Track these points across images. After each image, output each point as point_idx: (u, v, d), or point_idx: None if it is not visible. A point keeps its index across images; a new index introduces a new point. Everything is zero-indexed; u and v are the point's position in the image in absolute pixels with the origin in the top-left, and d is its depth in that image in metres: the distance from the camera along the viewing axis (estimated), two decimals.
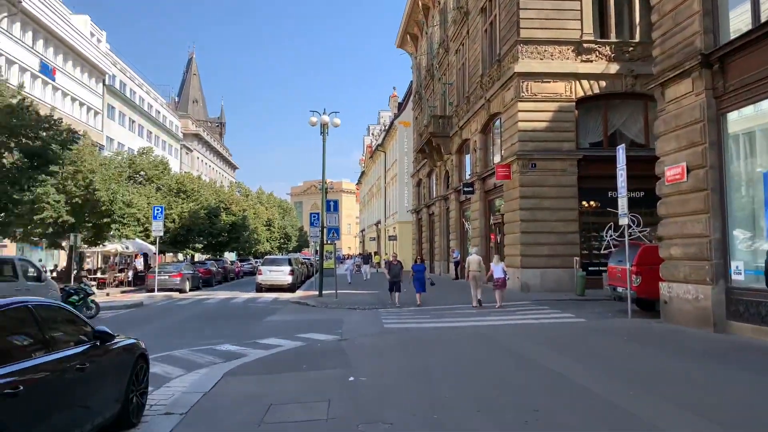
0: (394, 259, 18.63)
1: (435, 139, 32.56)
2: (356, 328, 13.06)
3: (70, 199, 23.04)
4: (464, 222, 30.93)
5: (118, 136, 54.42)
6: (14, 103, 15.11)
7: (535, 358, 8.33)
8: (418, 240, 45.51)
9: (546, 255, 20.45)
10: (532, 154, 20.76)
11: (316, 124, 21.94)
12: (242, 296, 23.95)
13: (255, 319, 15.51)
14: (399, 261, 18.69)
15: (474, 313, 15.58)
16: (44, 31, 42.10)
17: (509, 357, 8.55)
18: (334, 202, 21.28)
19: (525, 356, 8.50)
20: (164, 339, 12.05)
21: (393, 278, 17.83)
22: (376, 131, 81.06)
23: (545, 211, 20.65)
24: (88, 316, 15.84)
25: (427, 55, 40.22)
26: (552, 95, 21.09)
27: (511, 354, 8.77)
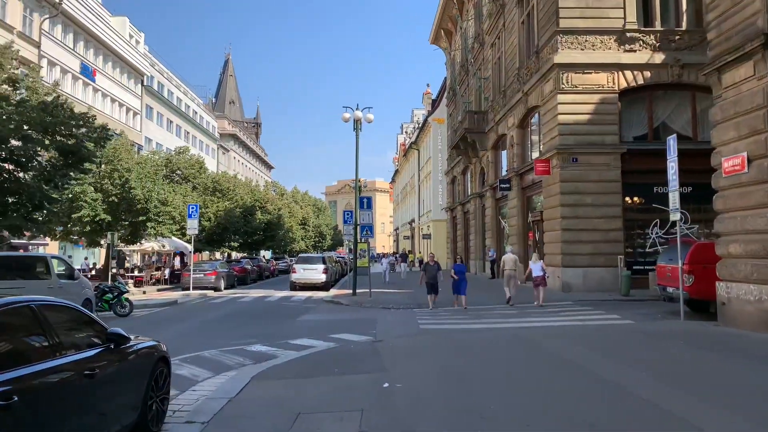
0: (431, 259, 17.27)
1: (470, 135, 31.84)
2: (391, 328, 12.60)
3: (106, 197, 23.29)
4: (501, 220, 30.15)
5: (156, 136, 55.28)
6: (49, 100, 15.18)
7: (584, 364, 7.71)
8: (452, 238, 44.79)
9: (588, 253, 19.60)
10: (573, 149, 19.92)
11: (350, 120, 21.57)
12: (276, 294, 23.77)
13: (288, 318, 15.21)
14: (436, 261, 17.30)
15: (514, 313, 14.93)
16: (84, 33, 42.95)
17: (556, 363, 7.95)
18: (368, 199, 20.83)
19: (573, 362, 7.88)
20: (195, 338, 11.82)
21: (430, 280, 16.56)
22: (409, 129, 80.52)
23: (587, 208, 19.79)
24: (122, 315, 15.83)
25: (461, 51, 39.48)
26: (593, 87, 20.20)
27: (558, 359, 8.16)
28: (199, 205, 26.24)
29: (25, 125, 13.96)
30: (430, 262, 17.07)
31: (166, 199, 24.75)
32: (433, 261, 17.13)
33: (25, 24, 33.08)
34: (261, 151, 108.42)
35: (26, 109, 14.00)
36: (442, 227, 48.53)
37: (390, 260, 32.11)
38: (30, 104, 14.21)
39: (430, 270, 16.64)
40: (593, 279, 19.50)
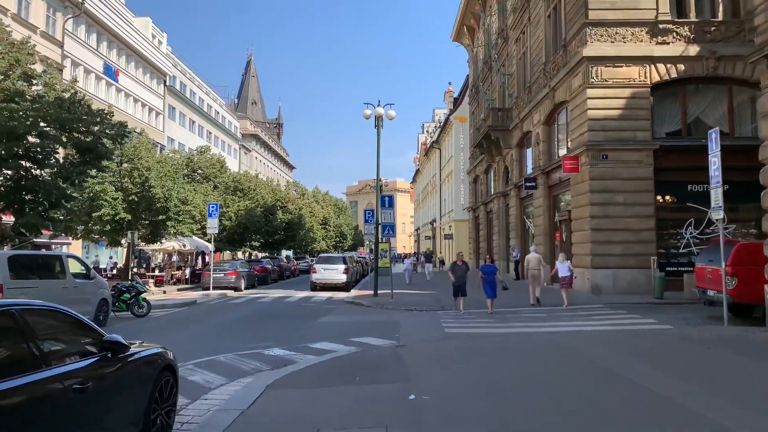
0: (459, 259, 15.99)
1: (494, 132, 31.12)
2: (414, 332, 12.06)
3: (126, 196, 23.14)
4: (525, 220, 29.39)
5: (179, 136, 55.47)
6: (66, 96, 14.96)
7: (628, 374, 7.08)
8: (475, 239, 44.05)
9: (619, 254, 18.83)
10: (603, 145, 19.16)
11: (371, 116, 21.07)
12: (296, 295, 23.39)
13: (308, 319, 14.77)
14: (465, 262, 16.07)
15: (542, 317, 14.27)
16: (107, 33, 43.17)
17: (596, 373, 7.33)
18: (389, 197, 20.27)
19: (615, 372, 7.25)
20: (211, 341, 11.43)
21: (457, 281, 15.37)
22: (431, 128, 79.81)
23: (618, 207, 19.01)
24: (140, 315, 15.54)
25: (484, 47, 38.73)
26: (624, 81, 19.41)
27: (598, 368, 7.54)
28: (219, 204, 25.98)
29: (41, 122, 13.75)
30: (458, 262, 15.86)
31: (186, 198, 24.53)
32: (462, 261, 15.88)
33: (48, 24, 33.26)
34: (282, 152, 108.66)
35: (43, 105, 13.79)
36: (464, 227, 47.80)
37: (412, 260, 30.77)
38: (47, 100, 14.00)
39: (458, 271, 15.48)
40: (624, 281, 18.72)
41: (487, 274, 15.15)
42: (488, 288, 15.01)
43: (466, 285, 15.42)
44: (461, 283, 15.40)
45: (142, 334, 12.62)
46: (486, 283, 15.01)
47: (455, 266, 15.73)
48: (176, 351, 10.42)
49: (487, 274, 15.16)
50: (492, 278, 15.07)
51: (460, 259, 16.13)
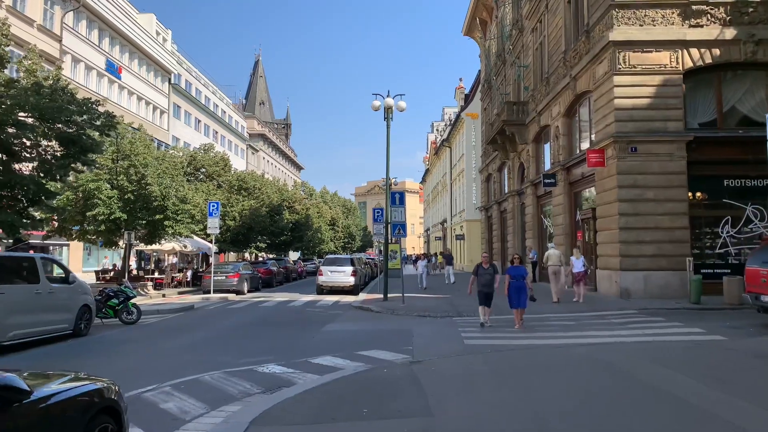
0: (486, 261, 12.81)
1: (509, 127, 29.63)
2: (430, 343, 10.68)
3: (122, 194, 21.94)
4: (543, 219, 27.90)
5: (184, 135, 54.35)
6: (46, 83, 13.71)
7: (696, 401, 5.68)
8: (487, 239, 42.55)
9: (650, 255, 17.33)
10: (631, 136, 17.67)
11: (380, 108, 19.70)
12: (301, 299, 22.05)
13: (311, 327, 13.42)
14: (492, 264, 13.15)
15: (572, 325, 12.82)
16: (110, 29, 42.11)
17: (656, 398, 5.92)
18: (400, 194, 18.83)
19: (681, 398, 5.86)
20: (201, 353, 10.10)
21: (484, 288, 12.46)
22: (440, 127, 78.32)
23: (648, 204, 17.52)
24: (128, 322, 14.29)
25: (497, 40, 37.26)
26: (654, 67, 17.92)
27: (656, 392, 6.13)
28: (220, 203, 24.71)
29: (18, 110, 12.48)
30: (483, 264, 12.78)
31: (186, 197, 23.26)
32: (488, 263, 12.85)
33: (46, 17, 32.15)
34: (291, 152, 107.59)
35: (19, 91, 12.54)
36: (476, 227, 46.28)
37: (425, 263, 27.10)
38: (23, 86, 12.74)
39: (485, 275, 12.55)
40: (656, 284, 17.22)
41: (515, 277, 12.29)
42: (516, 295, 12.19)
43: (494, 293, 12.56)
44: (489, 290, 12.49)
45: (125, 344, 11.33)
46: (513, 290, 12.19)
47: (480, 269, 12.65)
48: (159, 367, 9.18)
49: (515, 277, 12.30)
50: (521, 283, 12.23)
51: (486, 260, 12.91)
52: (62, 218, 22.79)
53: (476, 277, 12.60)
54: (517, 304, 12.28)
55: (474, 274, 12.73)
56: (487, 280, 12.48)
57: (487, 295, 12.55)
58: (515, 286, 12.22)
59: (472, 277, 12.59)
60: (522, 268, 12.71)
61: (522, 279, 12.28)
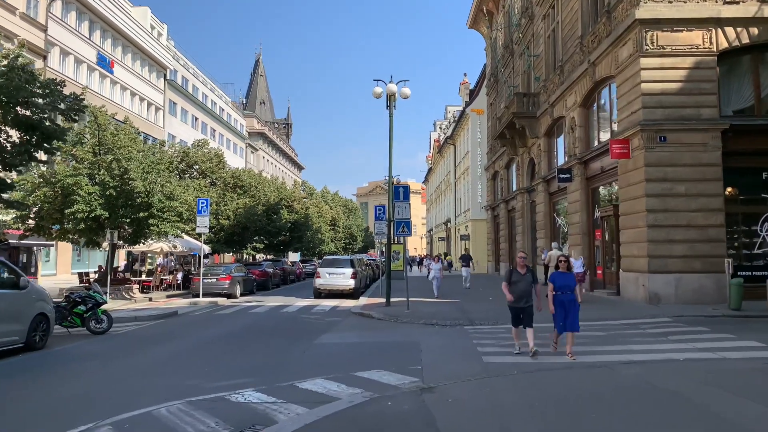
0: (521, 263, 9.46)
1: (519, 120, 27.93)
2: (441, 361, 8.98)
3: (104, 190, 20.29)
4: (556, 217, 26.20)
5: (180, 132, 52.71)
6: (1, 63, 12.05)
7: None
8: (494, 239, 40.86)
9: (681, 255, 15.63)
10: (660, 124, 15.97)
11: (381, 95, 18.00)
12: (297, 303, 20.36)
13: (304, 338, 11.72)
14: (528, 267, 9.57)
15: (603, 336, 11.08)
16: (101, 21, 40.53)
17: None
18: (404, 188, 17.07)
19: None
20: (167, 374, 8.42)
21: (519, 301, 9.16)
22: (443, 125, 76.60)
23: (679, 199, 15.82)
24: (97, 331, 12.64)
25: (504, 30, 35.58)
26: (685, 48, 16.22)
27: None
28: (210, 200, 23.03)
29: None
30: (518, 267, 9.38)
31: (173, 193, 21.57)
32: (525, 266, 9.39)
33: (30, 5, 30.54)
34: (291, 152, 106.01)
35: None
36: (481, 227, 44.58)
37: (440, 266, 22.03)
38: None
39: (521, 283, 9.18)
40: (688, 288, 15.53)
41: (562, 288, 8.95)
42: (563, 312, 8.87)
43: (533, 308, 9.27)
44: (526, 305, 9.15)
45: (84, 361, 9.66)
46: (559, 305, 8.90)
47: (515, 275, 9.31)
48: (110, 393, 6.96)
49: (561, 288, 8.96)
50: (570, 296, 8.93)
51: (522, 263, 9.46)
52: (39, 216, 21.17)
53: (509, 285, 9.29)
54: (566, 326, 8.88)
55: (506, 281, 9.40)
56: (523, 291, 9.14)
57: (522, 311, 9.17)
58: (563, 300, 8.90)
59: (505, 284, 9.38)
60: (571, 275, 9.28)
61: (571, 291, 8.97)
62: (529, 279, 9.24)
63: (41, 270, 32.76)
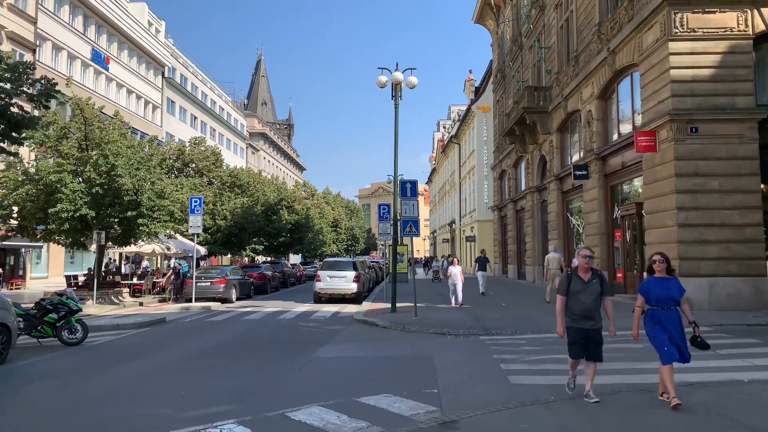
0: (585, 264, 6.31)
1: (530, 115, 26.58)
2: (461, 382, 7.63)
3: (90, 188, 19.01)
4: (570, 217, 24.83)
5: (178, 131, 51.40)
6: None
7: None
8: (501, 241, 39.52)
9: (715, 258, 14.28)
10: (692, 114, 14.62)
11: (387, 84, 16.68)
12: (296, 309, 19.02)
13: (300, 351, 10.38)
14: (595, 270, 6.45)
15: (641, 349, 9.63)
16: (96, 16, 39.33)
17: None
18: (412, 183, 15.64)
19: None
20: (133, 400, 7.07)
21: (582, 318, 6.23)
22: (447, 125, 75.25)
23: (713, 195, 14.47)
24: (71, 342, 11.32)
25: (513, 23, 34.25)
26: (718, 31, 14.90)
27: None
28: (203, 198, 21.72)
29: None
30: (580, 270, 6.37)
31: (164, 191, 20.26)
32: (590, 269, 6.36)
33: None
34: (293, 152, 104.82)
35: None
36: (488, 228, 43.21)
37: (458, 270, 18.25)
38: None
39: (585, 292, 6.26)
40: (723, 292, 14.17)
41: (662, 302, 6.03)
42: (662, 336, 5.97)
43: (601, 330, 6.33)
44: (593, 327, 6.25)
45: (42, 380, 8.31)
46: (659, 327, 6.03)
47: (575, 282, 6.32)
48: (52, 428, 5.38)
49: (661, 302, 6.04)
50: (674, 314, 6.03)
51: (585, 263, 6.33)
52: (21, 216, 19.90)
53: (566, 298, 6.30)
54: (673, 355, 5.88)
55: (562, 291, 6.36)
56: (589, 306, 6.17)
57: (588, 336, 6.19)
58: (662, 318, 5.96)
59: (560, 299, 6.34)
60: (675, 281, 6.10)
61: (675, 305, 6.03)
62: (597, 288, 6.22)
63: (31, 272, 31.50)
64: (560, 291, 6.42)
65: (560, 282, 6.45)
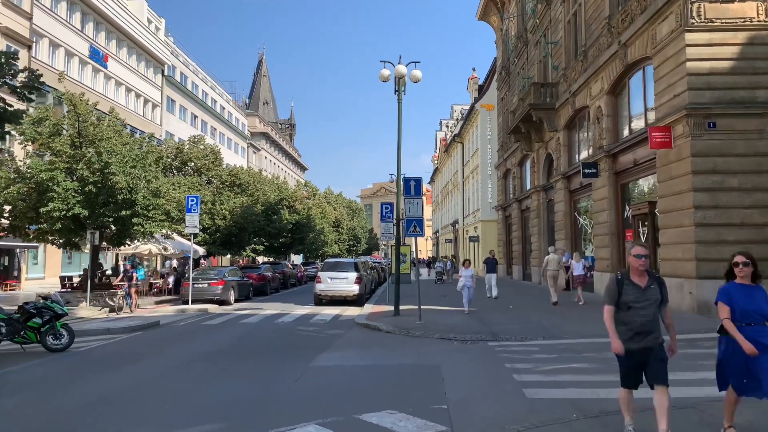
0: (639, 265, 4.88)
1: (536, 112, 25.89)
2: (472, 395, 6.97)
3: (83, 186, 18.41)
4: (577, 217, 24.15)
5: (178, 130, 50.78)
6: None
7: None
8: (506, 241, 38.83)
9: None
10: (709, 108, 13.95)
11: (389, 78, 16.03)
12: (295, 311, 18.39)
13: (298, 358, 9.73)
14: (652, 273, 5.05)
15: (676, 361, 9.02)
16: (94, 12, 38.76)
17: None
18: (417, 181, 14.95)
19: None
20: (110, 416, 6.43)
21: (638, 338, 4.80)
22: (450, 124, 74.57)
23: (732, 194, 13.80)
24: (56, 348, 10.68)
25: (517, 19, 33.57)
26: (737, 21, 14.23)
27: None
28: (201, 197, 21.10)
29: None
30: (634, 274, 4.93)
31: (159, 190, 19.64)
32: (646, 273, 4.92)
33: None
34: (294, 152, 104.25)
35: None
36: (492, 228, 42.54)
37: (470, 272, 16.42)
38: None
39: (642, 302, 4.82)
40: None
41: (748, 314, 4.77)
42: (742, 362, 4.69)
43: (663, 346, 4.88)
44: (653, 343, 4.82)
45: (13, 395, 7.65)
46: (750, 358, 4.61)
47: (627, 288, 4.89)
48: None
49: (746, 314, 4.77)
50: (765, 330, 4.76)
51: (639, 264, 4.88)
52: (13, 215, 19.30)
53: (614, 308, 4.93)
54: (762, 385, 4.67)
55: (610, 301, 4.95)
56: (650, 316, 4.86)
57: (648, 356, 4.81)
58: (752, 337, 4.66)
59: (608, 310, 4.95)
60: (761, 291, 4.93)
61: (765, 321, 4.82)
62: (656, 295, 4.85)
63: (27, 273, 30.90)
64: (607, 300, 5.00)
65: (607, 288, 5.05)
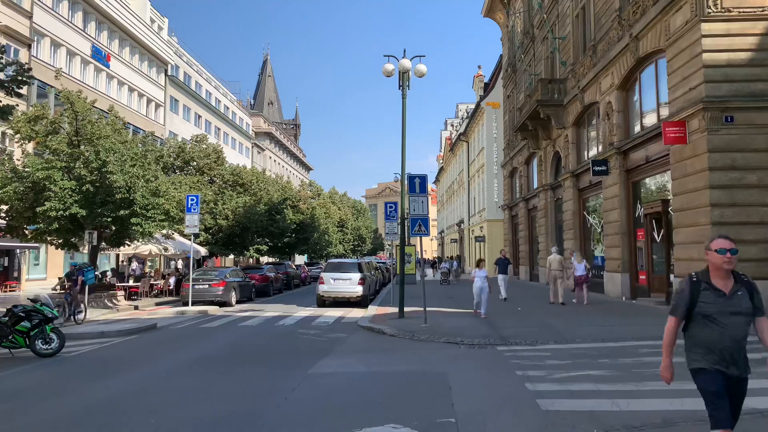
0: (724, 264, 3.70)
1: (543, 109, 25.34)
2: (481, 407, 6.46)
3: (80, 185, 18.01)
4: (587, 216, 23.58)
5: (182, 130, 50.41)
6: None
7: None
8: (512, 241, 38.24)
9: (754, 259, 13.00)
10: (727, 102, 13.39)
11: (393, 73, 15.52)
12: (297, 313, 17.92)
13: (296, 365, 9.24)
14: (739, 275, 3.82)
15: (682, 362, 8.47)
16: (96, 12, 38.44)
17: None
18: (422, 178, 14.45)
19: None
20: (95, 428, 5.94)
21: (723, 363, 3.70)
22: (455, 123, 74.03)
23: (751, 191, 13.24)
24: (45, 353, 10.23)
25: (524, 15, 33.02)
26: (756, 10, 13.71)
27: None
28: (201, 197, 20.66)
29: None
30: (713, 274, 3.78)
31: (158, 189, 19.21)
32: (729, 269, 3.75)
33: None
34: (299, 152, 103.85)
35: None
36: (498, 228, 41.94)
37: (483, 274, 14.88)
38: None
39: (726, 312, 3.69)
40: (764, 297, 12.80)
41: None
42: None
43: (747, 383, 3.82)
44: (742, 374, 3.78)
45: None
46: None
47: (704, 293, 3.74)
48: None
49: None
50: None
51: (722, 263, 3.73)
52: (10, 215, 18.93)
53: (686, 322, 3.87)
54: None
55: (679, 310, 3.84)
56: (739, 334, 3.74)
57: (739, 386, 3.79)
58: None
59: (673, 323, 3.87)
60: None
61: None
62: (746, 303, 3.76)
63: (28, 274, 30.55)
64: (674, 309, 3.81)
65: (676, 294, 3.81)
